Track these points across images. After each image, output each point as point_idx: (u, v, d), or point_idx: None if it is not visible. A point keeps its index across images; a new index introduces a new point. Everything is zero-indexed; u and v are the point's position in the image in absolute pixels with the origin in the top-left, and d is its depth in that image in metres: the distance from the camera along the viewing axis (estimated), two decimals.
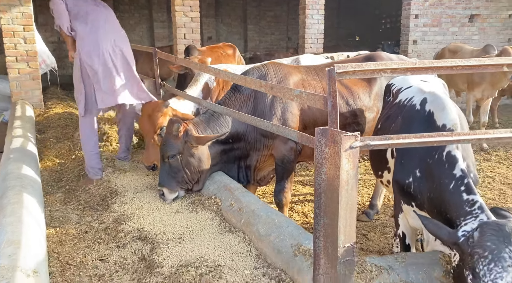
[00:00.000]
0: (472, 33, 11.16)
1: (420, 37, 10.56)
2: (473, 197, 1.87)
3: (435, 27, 10.69)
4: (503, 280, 1.60)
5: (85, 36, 3.59)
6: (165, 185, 3.17)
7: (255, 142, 3.29)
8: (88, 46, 3.56)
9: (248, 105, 3.25)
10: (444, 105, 2.15)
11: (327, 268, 1.98)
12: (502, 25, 11.51)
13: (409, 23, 10.45)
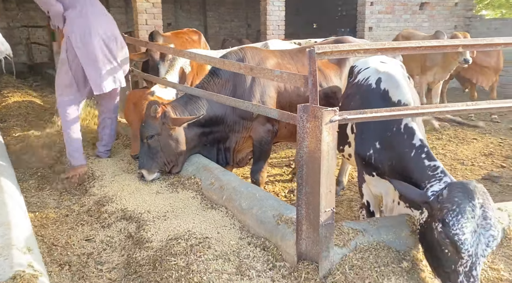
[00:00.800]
0: (422, 20, 11.74)
1: (375, 24, 10.99)
2: (434, 163, 2.12)
3: (389, 14, 11.16)
4: (467, 228, 1.85)
5: (76, 20, 3.51)
6: (144, 167, 3.27)
7: (234, 125, 3.42)
8: (79, 29, 3.49)
9: (227, 89, 3.36)
10: (398, 83, 2.39)
11: (309, 233, 2.17)
12: (449, 12, 12.16)
13: (365, 11, 10.85)
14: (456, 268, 1.90)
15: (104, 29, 3.61)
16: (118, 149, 4.30)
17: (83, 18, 3.51)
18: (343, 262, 2.13)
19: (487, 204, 1.87)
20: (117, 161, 3.91)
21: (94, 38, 3.51)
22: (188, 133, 3.32)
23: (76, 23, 3.50)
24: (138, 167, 3.32)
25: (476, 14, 13.16)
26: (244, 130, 3.43)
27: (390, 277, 2.06)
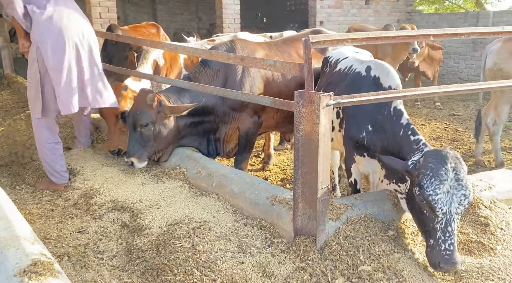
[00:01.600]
0: (368, 14, 12.34)
1: (326, 18, 11.41)
2: (417, 137, 2.38)
3: (338, 8, 11.63)
4: (440, 189, 2.11)
5: (45, 24, 2.95)
6: (134, 155, 3.27)
7: (224, 116, 3.52)
8: (50, 36, 2.96)
9: (218, 80, 3.45)
10: (388, 70, 2.64)
11: (305, 209, 2.36)
12: (392, 7, 12.86)
13: (316, 5, 11.23)
14: (434, 225, 2.16)
15: (79, 34, 3.11)
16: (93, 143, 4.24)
17: (56, 22, 2.98)
18: (337, 234, 2.33)
19: (459, 167, 2.15)
20: (94, 156, 3.88)
21: (68, 47, 3.02)
22: (179, 122, 3.38)
23: (46, 28, 2.95)
24: (128, 155, 3.31)
25: (415, 9, 14.01)
26: (233, 121, 3.55)
27: (380, 244, 2.30)
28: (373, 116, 2.58)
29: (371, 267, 2.17)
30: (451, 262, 2.10)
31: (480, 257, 2.35)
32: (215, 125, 3.57)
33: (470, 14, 12.36)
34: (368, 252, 2.24)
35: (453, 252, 2.11)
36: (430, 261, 2.18)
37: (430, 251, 2.18)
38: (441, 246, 2.13)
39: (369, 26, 8.94)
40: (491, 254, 2.37)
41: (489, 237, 2.48)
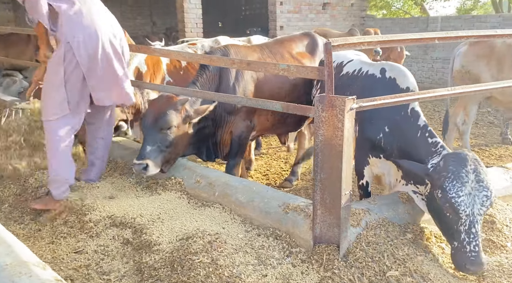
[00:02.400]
0: (325, 19, 12.61)
1: (286, 23, 11.52)
2: (435, 139, 2.41)
3: (296, 13, 11.78)
4: (463, 191, 2.14)
5: (75, 19, 2.74)
6: (150, 158, 2.95)
7: (220, 120, 3.44)
8: (82, 31, 2.74)
9: (214, 83, 3.39)
10: (405, 72, 2.65)
11: (324, 216, 2.30)
12: (347, 12, 13.24)
13: (276, 10, 11.30)
14: (458, 227, 2.18)
15: (111, 30, 2.90)
16: None
17: (86, 17, 2.77)
18: (359, 240, 2.30)
19: (479, 169, 2.19)
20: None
21: (101, 43, 2.80)
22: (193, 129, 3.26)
23: (76, 23, 2.73)
24: (141, 157, 2.94)
25: (370, 14, 14.53)
26: (227, 125, 3.47)
27: (402, 248, 2.29)
28: (390, 118, 2.58)
29: (399, 272, 2.15)
30: (477, 263, 2.12)
31: (493, 255, 2.40)
32: (212, 129, 3.50)
33: (420, 19, 13.00)
34: (393, 257, 2.22)
35: (479, 253, 2.14)
36: (456, 263, 2.19)
37: (455, 253, 2.19)
38: (466, 248, 2.15)
39: (332, 30, 9.11)
40: (503, 251, 2.44)
41: (497, 234, 2.55)
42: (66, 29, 2.73)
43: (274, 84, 3.55)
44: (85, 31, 2.75)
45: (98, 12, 2.86)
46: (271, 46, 3.77)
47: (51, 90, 2.85)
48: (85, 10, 2.77)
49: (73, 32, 2.73)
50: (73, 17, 2.74)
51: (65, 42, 2.74)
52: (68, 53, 2.75)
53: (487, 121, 7.94)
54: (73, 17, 2.74)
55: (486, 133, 7.16)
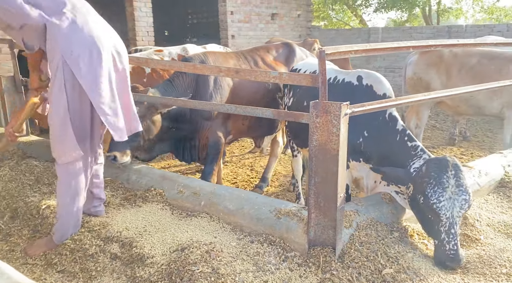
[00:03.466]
0: (274, 29, 12.89)
1: (237, 32, 11.62)
2: (414, 143, 2.54)
3: (247, 23, 11.93)
4: (444, 196, 2.30)
5: (69, 33, 2.23)
6: (117, 149, 3.11)
7: (197, 125, 3.45)
8: (80, 45, 2.24)
9: (191, 88, 3.37)
10: (381, 79, 2.78)
11: (318, 219, 2.35)
12: (294, 23, 13.63)
13: (227, 19, 11.37)
14: (438, 228, 2.34)
15: (112, 42, 2.40)
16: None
17: (82, 28, 2.27)
18: (353, 241, 2.37)
19: (459, 174, 2.35)
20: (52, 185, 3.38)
21: (105, 58, 2.30)
22: (163, 123, 3.35)
23: (74, 37, 2.23)
24: (110, 149, 3.11)
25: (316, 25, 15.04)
26: (203, 131, 3.49)
27: (393, 246, 2.39)
28: (369, 123, 2.69)
29: (393, 269, 2.24)
30: (456, 260, 2.30)
31: (470, 248, 2.58)
32: (190, 133, 3.54)
33: (363, 30, 13.65)
34: (386, 255, 2.32)
35: (457, 251, 2.30)
36: (437, 260, 2.35)
37: (436, 250, 2.35)
38: (446, 247, 2.31)
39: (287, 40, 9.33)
40: (478, 244, 2.62)
41: (471, 229, 2.75)
42: (60, 45, 2.22)
43: (250, 90, 3.60)
44: (84, 44, 2.25)
45: (95, 22, 2.38)
46: (246, 54, 3.82)
47: (57, 120, 2.31)
48: (80, 20, 2.28)
49: (70, 47, 2.22)
50: (68, 30, 2.24)
51: (61, 61, 2.22)
52: (68, 76, 2.25)
53: (430, 125, 8.48)
54: (68, 30, 2.24)
55: (431, 136, 7.65)
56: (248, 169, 5.50)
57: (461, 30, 11.18)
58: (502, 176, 3.43)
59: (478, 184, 3.15)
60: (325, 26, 22.93)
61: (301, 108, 3.21)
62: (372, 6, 18.98)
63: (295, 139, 3.59)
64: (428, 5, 17.98)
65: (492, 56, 4.89)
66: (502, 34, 10.01)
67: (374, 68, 12.57)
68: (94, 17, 2.40)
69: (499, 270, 2.30)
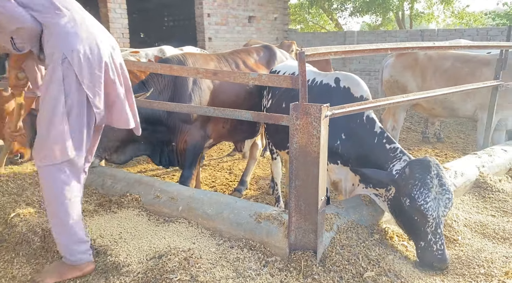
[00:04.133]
0: (251, 32, 12.88)
1: (214, 35, 11.55)
2: (393, 145, 2.54)
3: (224, 25, 11.88)
4: (429, 197, 2.30)
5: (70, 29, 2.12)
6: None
7: (175, 128, 3.35)
8: (80, 42, 2.12)
9: (168, 90, 3.29)
10: (358, 81, 2.77)
11: (299, 223, 2.32)
12: (271, 26, 13.65)
13: (203, 22, 11.29)
14: (425, 229, 2.34)
15: (109, 42, 2.31)
16: None
17: (81, 26, 2.17)
18: (334, 244, 2.35)
19: (441, 173, 2.36)
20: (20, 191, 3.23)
21: (105, 54, 2.21)
22: None
23: (73, 34, 2.12)
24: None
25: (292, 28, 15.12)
26: (182, 134, 3.40)
27: (374, 248, 2.38)
28: (346, 125, 2.68)
29: (374, 272, 2.23)
30: (444, 260, 2.30)
31: (449, 249, 2.60)
32: (168, 136, 3.44)
33: (338, 33, 13.79)
34: (367, 258, 2.30)
35: (444, 250, 2.31)
36: (424, 262, 2.34)
37: (423, 252, 2.34)
38: (433, 247, 2.31)
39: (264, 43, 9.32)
40: (456, 245, 2.64)
41: (449, 229, 2.77)
42: (60, 43, 2.09)
43: (231, 92, 3.54)
44: (85, 42, 2.13)
45: (92, 21, 2.29)
46: (227, 56, 3.76)
47: (51, 122, 2.11)
48: (78, 18, 2.19)
49: (71, 44, 2.09)
50: (67, 27, 2.12)
51: (59, 60, 2.07)
52: (68, 72, 2.09)
53: (405, 126, 8.61)
54: (67, 27, 2.12)
55: (406, 137, 7.75)
56: (226, 173, 5.44)
57: (433, 34, 11.43)
58: (477, 176, 3.49)
59: (454, 185, 3.19)
60: (302, 30, 23.13)
61: (280, 110, 3.18)
62: (347, 10, 19.23)
63: (274, 142, 3.56)
64: (401, 10, 18.36)
65: (465, 59, 4.99)
66: (472, 38, 10.29)
67: (350, 71, 12.66)
68: (88, 15, 2.30)
69: (478, 270, 2.32)
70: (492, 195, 3.31)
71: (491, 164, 3.67)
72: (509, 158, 3.90)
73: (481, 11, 20.38)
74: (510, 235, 2.71)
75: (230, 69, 3.60)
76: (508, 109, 4.62)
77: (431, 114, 5.62)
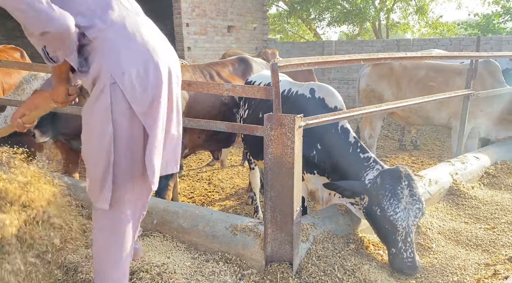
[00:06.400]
0: (231, 41, 12.91)
1: (193, 44, 11.53)
2: (367, 155, 2.56)
3: (203, 35, 11.87)
4: (399, 208, 2.33)
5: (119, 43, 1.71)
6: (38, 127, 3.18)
7: None
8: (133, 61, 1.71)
9: None
10: (333, 92, 2.79)
11: (275, 234, 2.31)
12: (250, 35, 13.73)
13: (182, 31, 11.26)
14: (395, 237, 2.37)
15: (168, 55, 1.86)
16: None
17: (137, 38, 1.74)
18: (310, 255, 2.34)
19: (412, 183, 2.39)
20: None
21: (163, 76, 1.78)
22: None
23: (125, 52, 1.70)
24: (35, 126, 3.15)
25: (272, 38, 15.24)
26: None
27: (350, 259, 2.38)
28: (321, 135, 2.69)
29: (350, 282, 2.23)
30: (413, 268, 2.33)
31: (424, 257, 2.62)
32: None
33: (317, 43, 13.97)
34: (343, 269, 2.30)
35: (414, 258, 2.34)
36: (394, 267, 2.37)
37: (393, 259, 2.37)
38: (403, 255, 2.34)
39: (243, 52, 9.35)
40: (430, 252, 2.67)
41: (424, 237, 2.80)
42: (107, 61, 1.69)
43: (206, 104, 3.53)
44: (138, 61, 1.71)
45: (146, 26, 1.82)
46: (202, 68, 3.75)
47: (94, 161, 1.76)
48: (130, 26, 1.74)
49: (121, 65, 1.68)
50: (117, 41, 1.70)
51: (108, 83, 1.68)
52: (117, 99, 1.69)
53: (383, 134, 8.74)
54: (117, 41, 1.70)
55: (384, 145, 7.87)
56: (205, 183, 5.40)
57: (408, 44, 11.68)
58: (451, 184, 3.55)
59: (429, 193, 3.23)
60: (281, 39, 23.33)
61: (257, 121, 3.18)
62: (325, 20, 19.53)
63: (252, 152, 3.55)
64: (378, 20, 18.74)
65: (439, 68, 5.11)
66: (446, 48, 10.56)
67: (329, 80, 12.86)
68: (144, 20, 1.84)
69: (451, 278, 2.34)
70: (465, 202, 3.37)
71: (464, 171, 3.74)
72: (481, 165, 3.98)
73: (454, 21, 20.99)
74: (482, 242, 2.75)
75: (204, 79, 3.59)
76: (480, 117, 4.74)
77: (407, 122, 5.72)
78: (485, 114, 4.71)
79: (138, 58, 1.72)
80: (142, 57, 1.73)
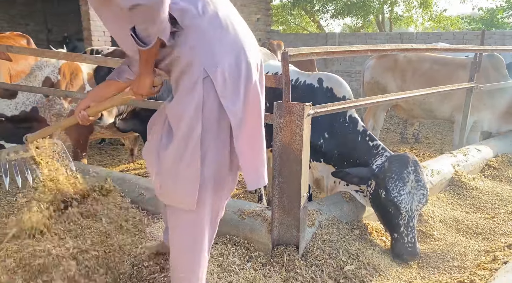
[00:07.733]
0: None
1: None
2: (376, 142, 2.63)
3: None
4: (404, 190, 2.40)
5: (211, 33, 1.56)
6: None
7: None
8: (225, 54, 1.58)
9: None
10: (340, 82, 2.85)
11: (282, 219, 2.38)
12: (253, 27, 13.71)
13: None
14: (398, 221, 2.45)
15: (255, 50, 1.72)
16: None
17: (229, 30, 1.60)
18: (315, 239, 2.42)
19: (418, 169, 2.47)
20: None
21: (254, 71, 1.66)
22: None
23: (219, 43, 1.58)
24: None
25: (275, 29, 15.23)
26: None
27: (354, 243, 2.46)
28: (329, 124, 2.76)
29: (354, 265, 2.31)
30: (413, 253, 2.41)
31: (425, 244, 2.70)
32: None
33: (320, 35, 13.97)
34: (347, 252, 2.38)
35: (415, 244, 2.42)
36: (395, 252, 2.45)
37: (395, 244, 2.45)
38: (405, 239, 2.42)
39: None
40: (432, 240, 2.75)
41: (425, 225, 2.88)
42: (200, 53, 1.55)
43: None
44: (230, 53, 1.59)
45: (236, 16, 1.69)
46: None
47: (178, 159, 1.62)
48: (223, 16, 1.60)
49: (214, 58, 1.55)
50: (210, 32, 1.56)
51: (201, 77, 1.55)
52: (209, 94, 1.57)
53: (384, 127, 8.79)
54: (210, 32, 1.56)
55: (386, 138, 7.92)
56: None
57: (412, 37, 11.68)
58: (452, 174, 3.62)
59: (431, 183, 3.30)
60: (284, 31, 23.27)
61: None
62: (329, 12, 19.46)
63: None
64: (381, 13, 18.68)
65: (443, 62, 5.15)
66: (449, 42, 10.56)
67: (332, 72, 12.74)
68: (232, 7, 1.70)
69: (452, 263, 2.43)
70: (466, 193, 3.45)
71: (465, 163, 3.81)
72: (482, 158, 4.05)
73: (458, 16, 20.92)
74: (482, 230, 2.83)
75: None
76: (483, 111, 4.80)
77: (410, 115, 5.77)
78: (488, 107, 4.77)
79: (231, 52, 1.59)
80: (234, 52, 1.60)
